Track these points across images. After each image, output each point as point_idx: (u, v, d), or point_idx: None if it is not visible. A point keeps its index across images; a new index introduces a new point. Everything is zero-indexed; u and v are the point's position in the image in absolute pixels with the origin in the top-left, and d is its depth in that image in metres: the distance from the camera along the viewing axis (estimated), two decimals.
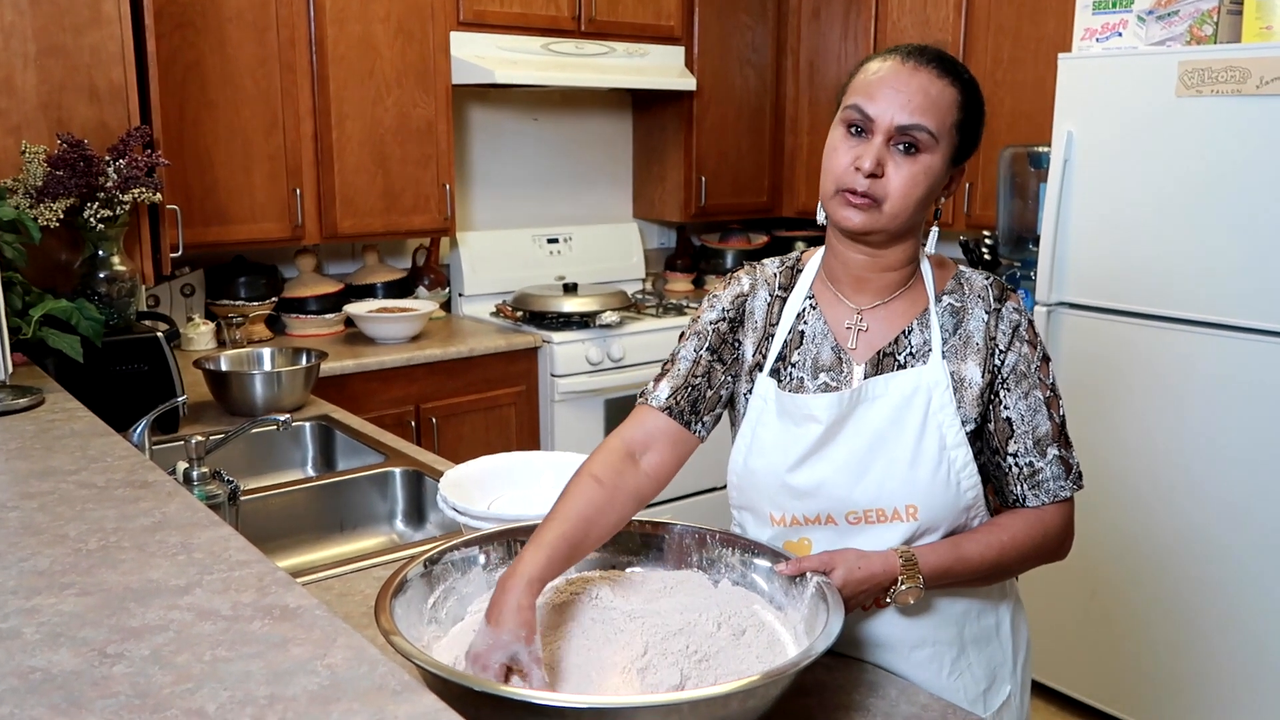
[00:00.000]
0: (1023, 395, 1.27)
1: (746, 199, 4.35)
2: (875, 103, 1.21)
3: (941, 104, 1.20)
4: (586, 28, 3.76)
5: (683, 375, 1.34)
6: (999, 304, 1.29)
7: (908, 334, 1.29)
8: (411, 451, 2.25)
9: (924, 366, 1.26)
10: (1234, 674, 2.63)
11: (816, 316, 1.33)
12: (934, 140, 1.20)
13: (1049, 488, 1.28)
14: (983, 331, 1.27)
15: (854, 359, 1.29)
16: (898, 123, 1.20)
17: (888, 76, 1.21)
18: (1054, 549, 1.31)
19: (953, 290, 1.31)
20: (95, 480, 1.35)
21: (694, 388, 1.33)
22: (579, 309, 3.60)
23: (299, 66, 3.20)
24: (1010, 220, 3.33)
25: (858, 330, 1.30)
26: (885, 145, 1.21)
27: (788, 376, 1.31)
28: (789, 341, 1.32)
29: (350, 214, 3.35)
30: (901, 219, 1.22)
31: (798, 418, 1.28)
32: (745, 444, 1.33)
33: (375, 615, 1.08)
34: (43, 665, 0.85)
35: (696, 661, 1.10)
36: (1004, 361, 1.27)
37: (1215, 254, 2.56)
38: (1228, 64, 2.48)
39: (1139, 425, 2.76)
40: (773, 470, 1.30)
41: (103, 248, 2.26)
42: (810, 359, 1.31)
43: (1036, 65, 3.42)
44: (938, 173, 1.22)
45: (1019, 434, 1.27)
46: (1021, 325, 1.29)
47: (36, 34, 2.20)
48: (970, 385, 1.26)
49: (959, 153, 1.25)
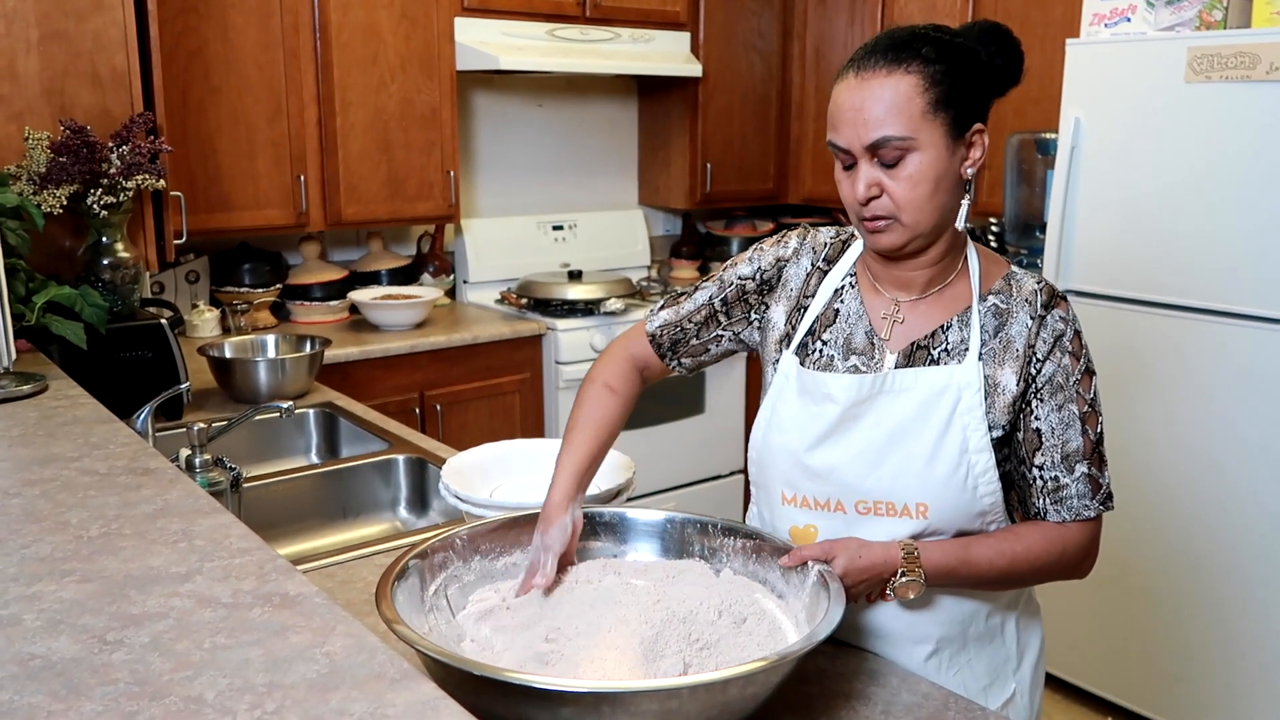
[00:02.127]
0: (1056, 408, 1.23)
1: (752, 186, 4.33)
2: (841, 133, 1.19)
3: (899, 101, 1.15)
4: (591, 13, 3.74)
5: (682, 314, 1.41)
6: (1045, 310, 1.24)
7: (945, 330, 1.26)
8: (415, 439, 2.25)
9: (958, 365, 1.24)
10: (1254, 665, 2.62)
11: (854, 297, 1.31)
12: (909, 140, 1.16)
13: (1072, 505, 1.24)
14: (1024, 338, 1.24)
15: (887, 347, 1.28)
16: (865, 143, 1.17)
17: (842, 101, 1.19)
18: (1072, 567, 1.27)
19: (1000, 290, 1.27)
20: (97, 467, 1.35)
21: (683, 329, 1.41)
22: (584, 296, 3.60)
23: (303, 52, 3.19)
24: (1017, 207, 3.32)
25: (894, 321, 1.29)
26: (871, 165, 1.18)
27: (816, 353, 1.31)
28: (820, 317, 1.32)
29: (354, 201, 3.35)
30: (924, 222, 1.20)
31: (817, 396, 1.27)
32: (765, 419, 1.34)
33: (376, 603, 1.08)
34: (42, 652, 0.85)
35: (699, 649, 1.10)
36: (1040, 370, 1.23)
37: (1224, 241, 2.54)
38: (1237, 50, 2.46)
39: (1147, 414, 2.75)
40: (789, 448, 1.30)
41: (106, 234, 2.25)
42: (843, 339, 1.30)
43: (1044, 51, 3.39)
44: (936, 162, 1.17)
45: (1047, 447, 1.23)
46: (1066, 335, 1.24)
47: (39, 19, 2.19)
48: (1004, 391, 1.23)
49: (958, 123, 1.18)
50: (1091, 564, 1.29)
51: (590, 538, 1.33)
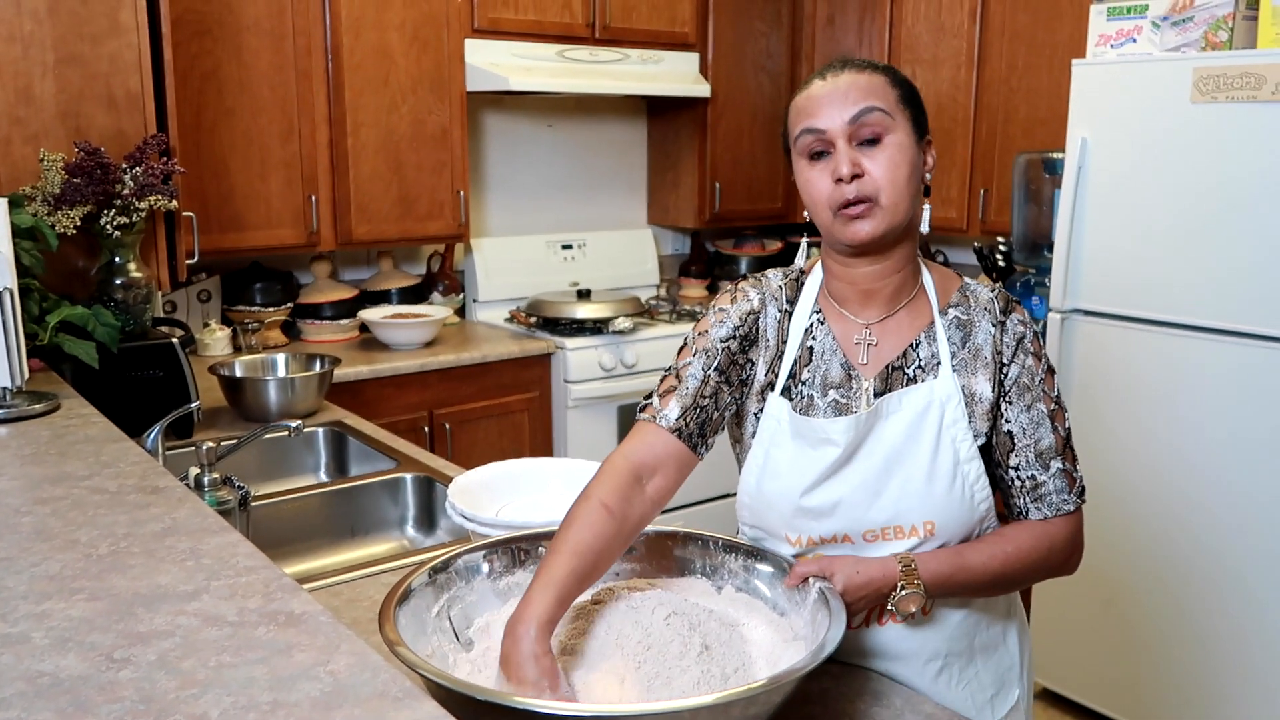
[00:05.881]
0: (1025, 408, 1.26)
1: (761, 205, 4.35)
2: (820, 116, 1.23)
3: (875, 87, 1.22)
4: (601, 34, 3.77)
5: (691, 395, 1.27)
6: (1004, 316, 1.28)
7: (915, 347, 1.28)
8: (423, 457, 2.27)
9: (935, 380, 1.25)
10: (1248, 682, 2.61)
11: (825, 332, 1.31)
12: (889, 117, 1.21)
13: (1052, 501, 1.27)
14: (990, 345, 1.27)
15: (863, 374, 1.28)
16: (848, 117, 1.21)
17: (818, 93, 1.24)
18: (1061, 563, 1.29)
19: (958, 303, 1.30)
20: (107, 486, 1.37)
21: (702, 409, 1.28)
22: (593, 315, 3.61)
23: (315, 74, 3.23)
24: (1025, 227, 3.32)
25: (868, 345, 1.29)
26: (850, 147, 1.22)
27: (798, 395, 1.29)
28: (799, 359, 1.30)
29: (365, 220, 3.37)
30: (902, 206, 1.22)
31: (814, 441, 1.26)
32: (758, 465, 1.30)
33: (379, 625, 1.08)
34: (50, 670, 0.87)
35: (695, 659, 1.11)
36: (1007, 374, 1.26)
37: (1230, 261, 2.54)
38: (1243, 70, 2.47)
39: (1153, 432, 2.74)
40: (787, 493, 1.27)
41: (119, 254, 2.28)
42: (819, 376, 1.29)
43: (1051, 71, 3.41)
44: (909, 148, 1.22)
45: (1020, 447, 1.26)
46: (1026, 337, 1.28)
47: (55, 43, 2.22)
48: (981, 400, 1.26)
49: (918, 126, 1.25)
50: (1078, 559, 1.31)
51: None
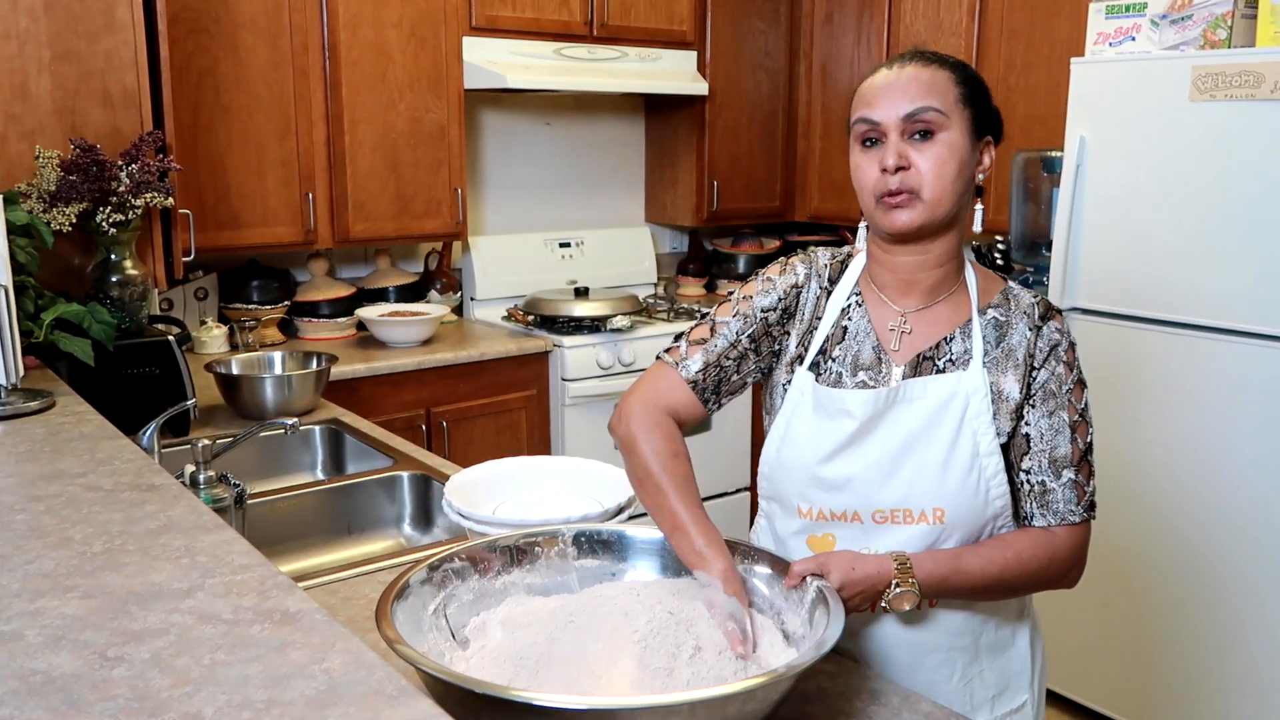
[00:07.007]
0: (1047, 414, 1.27)
1: (759, 203, 4.35)
2: (877, 107, 1.25)
3: (937, 84, 1.24)
4: (599, 32, 3.76)
5: (717, 353, 1.34)
6: (1043, 321, 1.29)
7: (949, 341, 1.30)
8: (420, 455, 2.26)
9: (963, 372, 1.27)
10: (1254, 683, 2.61)
11: (861, 314, 1.34)
12: (944, 116, 1.23)
13: (1058, 509, 1.27)
14: (1024, 348, 1.28)
15: (894, 360, 1.30)
16: (903, 113, 1.23)
17: (880, 83, 1.26)
18: (1060, 574, 1.29)
19: (999, 304, 1.31)
20: (102, 483, 1.36)
21: (723, 369, 1.35)
22: (590, 313, 3.61)
23: (312, 72, 3.22)
24: (1023, 225, 3.32)
25: (901, 332, 1.31)
26: (901, 140, 1.23)
27: (827, 371, 1.32)
28: (831, 336, 1.33)
29: (362, 218, 3.37)
30: (944, 203, 1.24)
31: (833, 412, 1.29)
32: (779, 435, 1.34)
33: (377, 622, 1.08)
34: (44, 668, 0.86)
35: (687, 659, 1.10)
36: (1036, 378, 1.27)
37: (1228, 259, 2.54)
38: (1241, 69, 2.46)
39: (1152, 431, 2.74)
40: (803, 462, 1.31)
41: (115, 252, 2.27)
42: (851, 356, 1.32)
43: (1049, 70, 3.40)
44: (961, 148, 1.24)
45: (1035, 451, 1.27)
46: (1061, 345, 1.29)
47: (51, 40, 2.21)
48: (1007, 399, 1.27)
49: (977, 126, 1.26)
50: (1079, 574, 1.31)
51: (589, 556, 1.33)
